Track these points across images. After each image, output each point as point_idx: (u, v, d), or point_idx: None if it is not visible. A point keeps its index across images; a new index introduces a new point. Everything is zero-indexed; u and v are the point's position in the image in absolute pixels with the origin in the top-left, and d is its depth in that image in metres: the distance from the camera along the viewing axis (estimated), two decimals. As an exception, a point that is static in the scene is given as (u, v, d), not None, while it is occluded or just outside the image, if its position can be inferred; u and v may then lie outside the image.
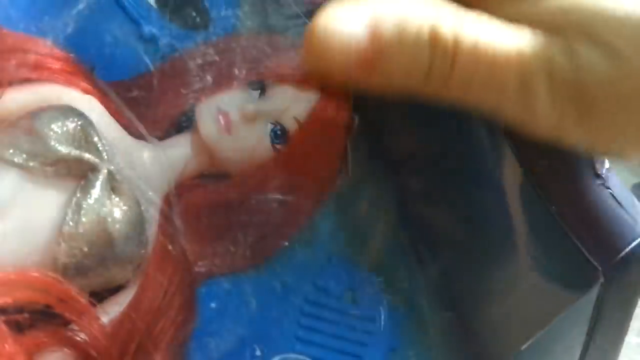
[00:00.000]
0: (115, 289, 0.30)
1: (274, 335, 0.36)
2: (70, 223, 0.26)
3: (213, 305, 0.34)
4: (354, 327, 0.38)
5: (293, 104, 0.33)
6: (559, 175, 0.32)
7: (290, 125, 0.33)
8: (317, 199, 0.36)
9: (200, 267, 0.32)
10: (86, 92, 0.31)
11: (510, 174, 0.32)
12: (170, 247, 0.31)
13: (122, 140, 0.31)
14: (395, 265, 0.39)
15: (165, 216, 0.31)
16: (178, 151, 0.33)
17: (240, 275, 0.35)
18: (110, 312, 0.28)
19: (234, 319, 0.34)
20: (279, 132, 0.33)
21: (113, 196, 0.28)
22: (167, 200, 0.32)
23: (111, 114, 0.32)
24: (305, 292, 0.38)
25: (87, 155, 0.27)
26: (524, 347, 0.29)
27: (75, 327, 0.26)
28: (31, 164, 0.26)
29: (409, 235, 0.38)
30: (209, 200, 0.34)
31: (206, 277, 0.33)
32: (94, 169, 0.27)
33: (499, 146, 0.32)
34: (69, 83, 0.31)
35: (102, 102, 0.32)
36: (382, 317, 0.39)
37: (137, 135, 0.32)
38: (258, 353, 0.35)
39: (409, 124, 0.34)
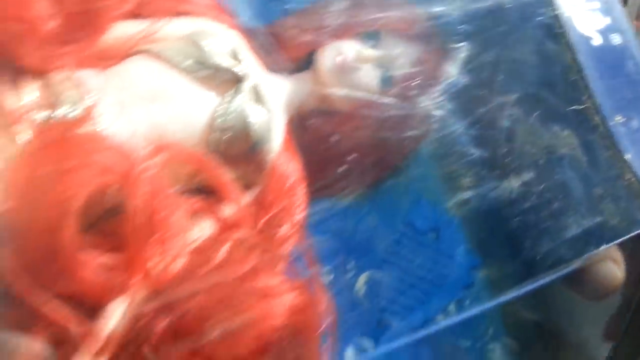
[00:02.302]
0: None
1: (367, 254, 0.41)
2: (221, 118, 0.33)
3: (320, 220, 0.39)
4: (435, 260, 0.43)
5: (401, 54, 0.39)
6: (634, 129, 0.36)
7: (397, 72, 0.39)
8: (416, 141, 0.41)
9: (311, 184, 0.38)
10: (232, 27, 0.38)
11: (588, 125, 0.36)
12: (291, 159, 0.37)
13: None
14: (476, 214, 0.44)
15: (290, 135, 0.37)
16: (301, 85, 0.39)
17: (343, 200, 0.41)
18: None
19: (336, 235, 0.40)
20: (386, 77, 0.39)
21: (254, 104, 0.34)
22: (290, 125, 0.38)
23: (250, 49, 0.38)
24: (396, 224, 0.43)
25: (238, 68, 0.34)
26: (574, 265, 0.34)
27: (223, 203, 0.33)
28: (196, 69, 0.33)
29: (488, 189, 0.42)
30: (322, 130, 0.39)
31: (316, 195, 0.39)
32: (242, 79, 0.34)
33: (578, 102, 0.37)
34: (217, 18, 0.38)
35: (243, 38, 0.38)
36: (460, 256, 0.44)
37: (269, 70, 0.39)
38: (351, 266, 0.41)
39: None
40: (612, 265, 0.39)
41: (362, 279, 0.41)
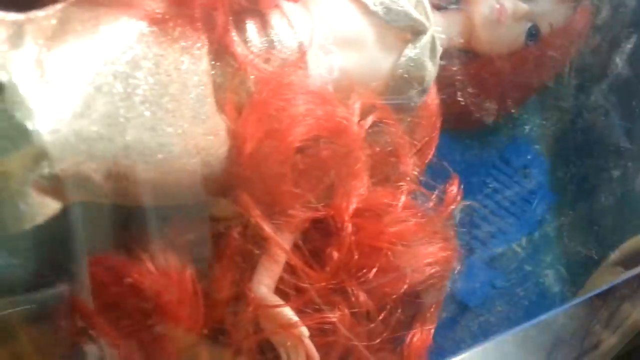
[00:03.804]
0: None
1: (468, 184, 0.45)
2: (402, 68, 0.35)
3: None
4: (521, 194, 0.48)
5: (553, 12, 0.41)
6: None
7: (545, 29, 0.41)
8: (536, 91, 0.45)
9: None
10: None
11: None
12: (435, 95, 0.39)
13: None
14: (560, 158, 0.49)
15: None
16: (451, 24, 0.40)
17: (451, 134, 0.44)
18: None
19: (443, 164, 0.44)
20: (534, 32, 0.41)
21: (429, 58, 0.36)
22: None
23: None
24: (494, 160, 0.47)
25: (423, 20, 0.35)
26: None
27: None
28: (385, 16, 0.34)
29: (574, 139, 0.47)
30: (459, 68, 0.42)
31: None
32: (423, 31, 0.35)
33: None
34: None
35: None
36: (541, 193, 0.49)
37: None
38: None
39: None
40: None
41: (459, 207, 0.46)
